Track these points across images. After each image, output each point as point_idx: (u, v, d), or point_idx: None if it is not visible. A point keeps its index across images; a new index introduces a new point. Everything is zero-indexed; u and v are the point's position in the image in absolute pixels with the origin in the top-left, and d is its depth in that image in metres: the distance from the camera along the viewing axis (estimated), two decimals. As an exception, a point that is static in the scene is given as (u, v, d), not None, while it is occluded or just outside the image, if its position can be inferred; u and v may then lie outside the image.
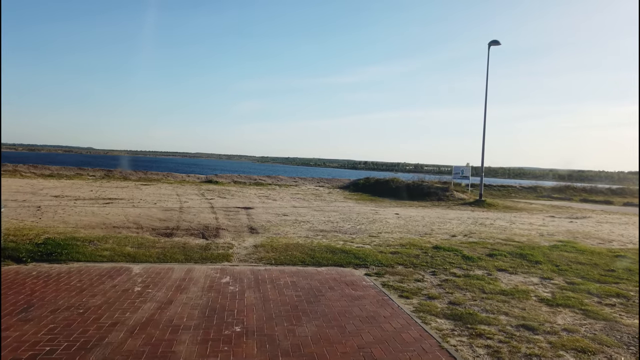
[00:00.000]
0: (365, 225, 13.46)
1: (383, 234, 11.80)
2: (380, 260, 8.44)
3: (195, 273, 7.10)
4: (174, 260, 7.94)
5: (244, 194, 21.97)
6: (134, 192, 20.14)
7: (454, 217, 16.91)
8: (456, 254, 9.39)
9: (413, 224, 14.15)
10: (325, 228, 12.50)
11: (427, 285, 6.96)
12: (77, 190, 19.32)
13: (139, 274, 6.91)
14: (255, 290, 6.26)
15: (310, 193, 25.07)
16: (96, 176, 26.71)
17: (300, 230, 11.91)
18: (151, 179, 27.32)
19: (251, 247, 9.30)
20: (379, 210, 17.88)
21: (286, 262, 8.16)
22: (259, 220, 13.38)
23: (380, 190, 26.91)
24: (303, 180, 32.50)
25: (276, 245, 9.47)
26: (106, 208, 14.50)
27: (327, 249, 9.31)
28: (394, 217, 15.96)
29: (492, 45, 22.71)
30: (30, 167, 26.09)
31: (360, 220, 14.40)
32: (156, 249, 8.73)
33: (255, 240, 10.11)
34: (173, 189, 22.70)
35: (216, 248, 9.05)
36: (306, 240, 10.33)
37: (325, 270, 7.68)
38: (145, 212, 13.91)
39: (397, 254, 9.16)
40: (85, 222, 11.67)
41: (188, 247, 8.97)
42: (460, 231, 13.06)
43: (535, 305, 6.18)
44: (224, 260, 8.12)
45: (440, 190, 24.23)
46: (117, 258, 7.85)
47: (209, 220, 13.04)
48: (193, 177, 29.59)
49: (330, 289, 6.52)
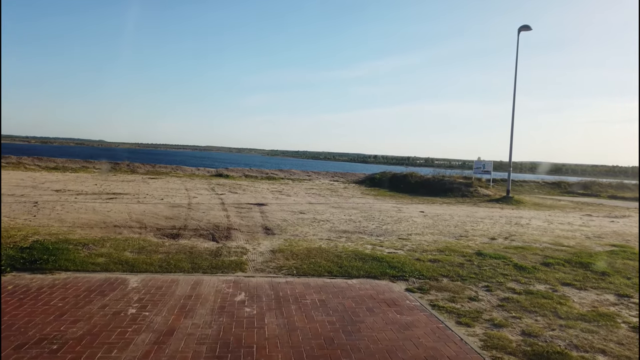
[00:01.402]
0: (392, 225, 12.18)
1: (414, 236, 10.52)
2: (419, 271, 7.18)
3: (203, 287, 5.90)
4: (179, 269, 6.75)
5: (256, 189, 20.79)
6: (141, 186, 19.05)
7: (484, 215, 15.55)
8: (506, 262, 8.09)
9: (443, 224, 12.84)
10: (347, 228, 11.26)
11: (485, 306, 5.69)
12: (80, 184, 18.28)
13: (136, 288, 5.73)
14: (277, 314, 5.04)
15: (326, 188, 23.83)
16: (103, 169, 25.71)
17: (320, 231, 10.68)
18: (159, 172, 26.26)
19: (268, 253, 8.08)
20: (402, 208, 16.58)
21: (310, 272, 6.93)
22: (274, 219, 12.18)
23: (398, 186, 25.57)
24: (317, 174, 31.25)
25: (296, 251, 8.25)
26: (109, 204, 13.39)
27: (355, 255, 8.07)
28: (420, 215, 14.66)
29: (522, 31, 21.15)
30: (34, 160, 25.17)
31: (385, 220, 13.13)
32: (159, 254, 7.56)
33: (272, 244, 8.90)
34: (182, 182, 21.60)
35: (228, 254, 7.85)
36: (329, 244, 9.10)
37: (358, 284, 6.45)
38: (150, 209, 12.78)
39: (437, 262, 7.89)
40: (83, 221, 10.56)
41: (196, 252, 7.79)
42: (498, 233, 11.73)
43: (630, 336, 4.88)
44: (237, 269, 6.92)
45: (463, 186, 22.83)
46: (113, 267, 6.68)
47: (219, 218, 11.86)
48: (203, 171, 28.49)
49: (369, 311, 5.28)
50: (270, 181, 25.94)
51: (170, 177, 23.98)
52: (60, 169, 24.30)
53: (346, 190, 23.46)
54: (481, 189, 22.84)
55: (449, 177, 24.75)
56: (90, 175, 22.74)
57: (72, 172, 23.70)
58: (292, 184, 24.94)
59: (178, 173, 26.67)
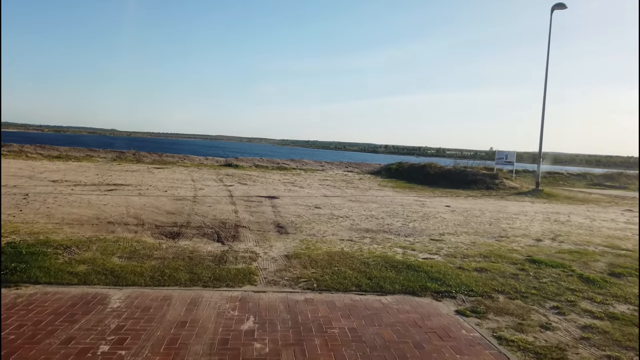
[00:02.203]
0: (419, 222, 10.87)
1: (447, 237, 9.21)
2: (467, 285, 5.88)
3: (201, 309, 4.67)
4: (174, 281, 5.54)
5: (267, 180, 19.56)
6: (145, 176, 17.93)
7: (517, 211, 14.15)
8: (566, 272, 6.75)
9: (475, 221, 11.50)
10: (370, 227, 9.97)
11: (565, 339, 4.39)
12: (81, 174, 17.20)
13: (116, 310, 4.53)
14: (296, 352, 3.79)
15: (340, 179, 22.53)
16: (107, 158, 24.67)
17: (340, 230, 9.42)
18: (166, 161, 25.15)
19: (282, 258, 6.84)
20: (425, 202, 15.24)
21: (334, 285, 5.67)
22: (287, 214, 10.94)
23: (416, 177, 24.16)
24: (330, 164, 29.93)
25: (315, 256, 6.99)
26: (107, 197, 12.25)
27: (385, 262, 6.79)
28: (447, 210, 13.31)
29: (555, 9, 19.47)
30: (37, 148, 24.20)
31: (410, 216, 11.81)
32: (153, 260, 6.36)
33: (286, 246, 7.65)
34: (189, 173, 20.45)
35: (234, 260, 6.62)
36: (352, 247, 7.83)
37: (395, 303, 5.17)
38: (151, 203, 11.61)
39: (485, 271, 6.58)
40: (74, 216, 9.41)
41: (197, 258, 6.57)
42: (541, 232, 10.36)
43: None
44: (245, 281, 5.69)
45: (488, 178, 21.37)
46: (94, 278, 5.49)
47: (226, 213, 10.65)
48: (211, 160, 27.32)
49: (417, 347, 4.01)
50: (281, 172, 24.70)
51: (177, 167, 22.85)
52: (63, 157, 23.29)
53: (362, 181, 22.14)
54: (507, 181, 21.36)
55: (471, 169, 23.28)
56: (94, 164, 21.69)
57: (75, 161, 22.68)
58: (304, 175, 23.67)
59: (185, 163, 25.55)
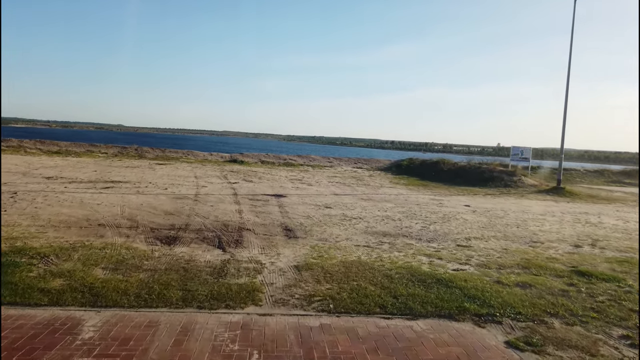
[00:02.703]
0: (440, 224, 9.92)
1: (474, 242, 8.26)
2: (511, 305, 4.95)
3: (193, 341, 3.79)
4: (163, 301, 4.65)
5: (274, 177, 18.67)
6: (145, 173, 17.10)
7: (542, 211, 13.16)
8: (622, 287, 5.80)
9: (500, 223, 10.53)
10: (387, 230, 9.05)
11: (654, 386, 3.45)
12: (78, 171, 16.40)
13: (87, 343, 3.65)
14: (313, 409, 2.89)
15: (349, 176, 21.59)
16: (108, 153, 23.89)
17: (354, 233, 8.50)
18: (169, 157, 24.33)
19: (291, 270, 5.94)
20: (443, 201, 14.27)
21: (354, 307, 4.76)
22: (296, 215, 10.04)
23: (429, 174, 23.17)
24: (338, 160, 28.98)
25: (329, 267, 6.09)
26: (102, 195, 11.41)
27: (410, 274, 5.87)
28: (467, 211, 12.34)
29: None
30: (36, 143, 23.47)
31: (429, 217, 10.87)
32: (142, 272, 5.48)
33: (296, 254, 6.75)
34: (192, 169, 19.60)
35: (236, 272, 5.73)
36: (370, 255, 6.92)
37: (430, 331, 4.25)
38: (149, 202, 10.76)
39: (528, 287, 5.63)
40: (62, 217, 8.57)
41: (193, 270, 5.69)
42: (575, 236, 9.39)
43: None
44: (248, 300, 4.79)
45: (505, 175, 20.34)
46: (69, 297, 4.62)
47: (229, 214, 9.77)
48: (216, 156, 26.46)
49: (469, 401, 3.09)
50: (288, 168, 23.80)
51: (180, 163, 22.02)
52: (62, 153, 22.54)
53: (372, 178, 21.18)
54: (525, 179, 20.31)
55: (487, 165, 22.23)
56: (94, 160, 20.90)
57: (75, 156, 21.92)
58: (312, 171, 22.75)
59: (189, 158, 24.71)
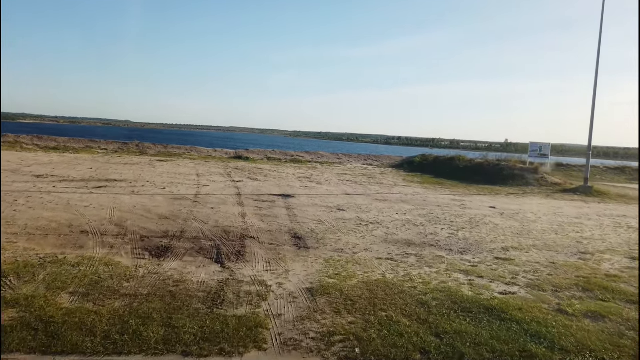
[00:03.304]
0: (468, 230, 8.79)
1: (514, 253, 7.13)
2: (590, 348, 3.83)
3: (172, 414, 2.70)
4: (138, 344, 3.58)
5: (280, 175, 17.58)
6: (144, 170, 16.07)
7: (576, 213, 11.96)
8: None
9: (535, 229, 9.38)
10: (411, 237, 7.92)
11: None
12: (73, 168, 15.40)
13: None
14: None
15: (360, 174, 20.45)
16: (108, 149, 22.92)
17: (373, 242, 7.39)
18: (171, 153, 23.31)
19: (303, 294, 4.84)
20: (464, 202, 13.11)
21: (386, 351, 3.66)
22: (306, 220, 8.94)
23: (443, 171, 21.95)
24: (347, 157, 27.83)
25: (349, 289, 4.98)
26: (92, 196, 10.38)
27: (450, 300, 4.76)
28: (494, 213, 11.19)
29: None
30: (34, 139, 22.55)
31: (454, 221, 9.73)
32: (118, 299, 4.41)
33: (308, 271, 5.66)
34: (194, 166, 18.56)
35: (236, 297, 4.64)
36: (396, 271, 5.81)
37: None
38: (143, 204, 9.71)
39: (601, 319, 4.50)
40: (41, 223, 7.54)
41: (182, 295, 4.61)
42: (625, 245, 8.22)
43: None
44: (249, 340, 3.71)
45: (527, 173, 19.11)
46: (15, 338, 3.56)
47: (231, 218, 8.70)
48: (220, 152, 25.41)
49: None
50: (296, 165, 22.70)
51: (182, 160, 20.98)
52: (60, 149, 21.59)
53: (385, 176, 20.03)
54: (548, 177, 19.07)
55: (505, 162, 20.98)
56: (92, 156, 19.92)
57: (73, 152, 20.96)
58: (321, 169, 21.64)
59: (192, 155, 23.68)
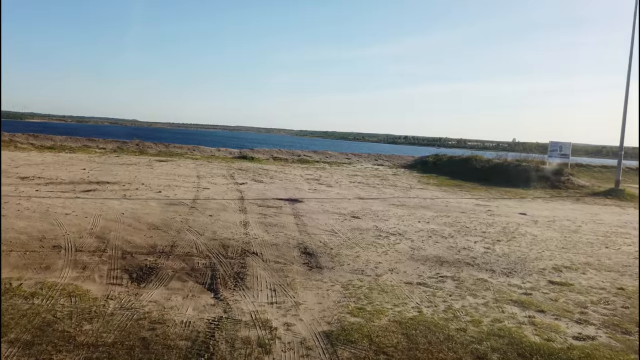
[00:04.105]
0: (505, 243, 7.59)
1: (568, 275, 5.92)
2: None
3: None
4: None
5: (287, 176, 16.43)
6: (141, 171, 14.99)
7: (618, 222, 10.72)
8: None
9: (580, 240, 8.16)
10: (441, 253, 6.74)
11: None
12: (64, 169, 14.34)
13: None
14: None
15: (372, 174, 19.26)
16: (106, 149, 21.88)
17: (399, 260, 6.22)
18: (172, 153, 22.23)
19: (320, 344, 3.67)
20: (490, 207, 11.89)
21: None
22: (317, 230, 7.78)
23: (459, 172, 20.71)
24: (356, 156, 26.64)
25: (380, 334, 3.81)
26: (77, 201, 9.29)
27: (516, 352, 3.58)
28: (527, 221, 9.97)
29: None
30: (29, 137, 21.56)
31: (486, 231, 8.53)
32: (69, 354, 3.26)
33: (323, 303, 4.50)
34: (195, 167, 17.46)
35: (230, 349, 3.48)
36: (434, 304, 4.63)
37: None
38: (134, 210, 8.60)
39: None
40: (9, 235, 6.44)
41: (157, 346, 3.45)
42: (695, 263, 6.97)
43: None
44: None
45: (551, 175, 17.82)
46: None
47: (232, 228, 7.56)
48: (224, 152, 24.31)
49: None
50: (303, 165, 21.54)
51: (183, 160, 19.90)
52: (56, 148, 20.58)
53: (398, 177, 18.82)
54: (575, 179, 17.77)
55: (526, 163, 19.70)
56: (88, 156, 18.87)
57: (69, 152, 19.93)
58: (329, 169, 20.47)
59: (195, 154, 22.59)
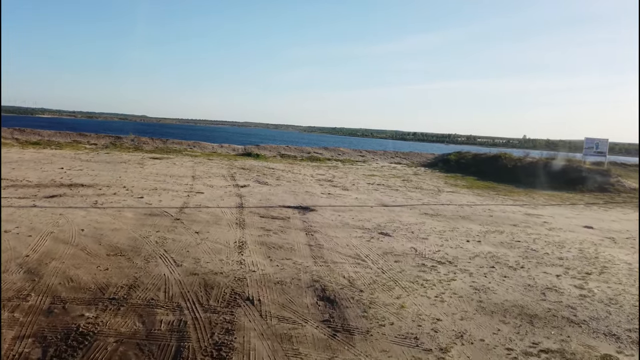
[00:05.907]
0: (596, 278, 5.49)
1: None
2: None
3: None
4: None
5: (296, 177, 14.39)
6: (128, 171, 13.02)
7: None
8: None
9: (691, 272, 6.02)
10: (521, 299, 4.66)
11: None
12: (38, 168, 12.42)
13: None
14: None
15: (391, 174, 17.15)
16: (98, 144, 19.98)
17: (464, 314, 4.16)
18: (170, 149, 20.28)
19: None
20: (543, 217, 9.76)
21: None
22: (337, 256, 5.74)
23: (487, 172, 18.56)
24: (371, 154, 24.50)
25: None
26: (32, 210, 7.33)
27: None
28: (602, 238, 7.84)
29: None
30: (14, 132, 19.74)
31: (561, 257, 6.43)
32: None
33: None
34: (192, 165, 15.48)
35: None
36: None
37: None
38: (99, 225, 6.61)
39: None
40: None
41: None
42: None
43: None
44: None
45: (597, 176, 15.60)
46: None
47: (222, 253, 5.54)
48: (227, 148, 22.32)
49: None
50: (314, 164, 19.48)
51: (180, 157, 17.93)
52: (42, 144, 18.72)
53: (421, 178, 16.70)
54: (624, 181, 15.54)
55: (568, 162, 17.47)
56: (75, 152, 16.97)
57: (56, 148, 18.05)
58: (343, 168, 18.38)
59: (194, 151, 20.63)
